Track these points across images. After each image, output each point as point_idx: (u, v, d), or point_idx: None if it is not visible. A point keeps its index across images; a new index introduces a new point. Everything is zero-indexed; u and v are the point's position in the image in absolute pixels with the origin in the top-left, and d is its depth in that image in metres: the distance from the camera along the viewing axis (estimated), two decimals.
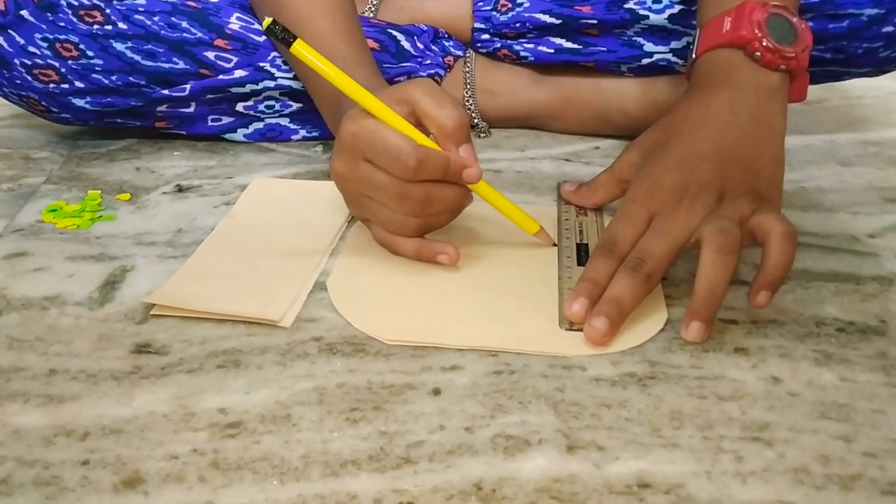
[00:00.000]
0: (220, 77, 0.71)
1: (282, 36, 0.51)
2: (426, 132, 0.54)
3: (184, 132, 0.76)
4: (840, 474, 0.41)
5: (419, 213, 0.54)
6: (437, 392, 0.46)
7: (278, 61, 0.72)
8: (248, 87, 0.72)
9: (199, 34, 0.71)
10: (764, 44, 0.55)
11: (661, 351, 0.49)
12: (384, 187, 0.53)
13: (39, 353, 0.49)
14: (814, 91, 0.88)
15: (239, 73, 0.71)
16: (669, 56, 0.74)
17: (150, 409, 0.45)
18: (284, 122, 0.76)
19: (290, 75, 0.72)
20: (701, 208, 0.52)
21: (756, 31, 0.56)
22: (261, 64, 0.72)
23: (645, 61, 0.74)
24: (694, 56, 0.60)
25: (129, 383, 0.47)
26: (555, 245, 0.59)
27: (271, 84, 0.72)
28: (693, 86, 0.59)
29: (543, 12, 0.74)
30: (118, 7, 0.69)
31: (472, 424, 0.44)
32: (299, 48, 0.51)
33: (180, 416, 0.44)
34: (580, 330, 0.50)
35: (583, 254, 0.57)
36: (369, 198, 0.54)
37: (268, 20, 0.50)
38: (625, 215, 0.54)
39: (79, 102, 0.71)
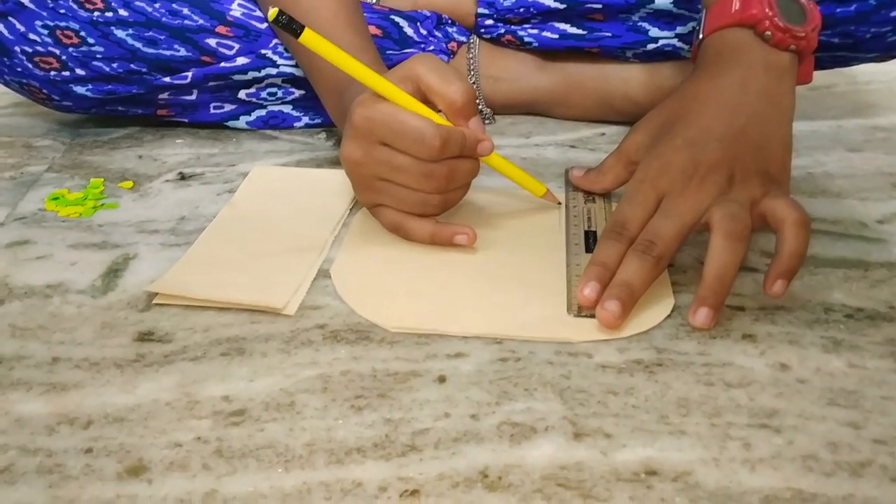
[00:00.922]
0: (222, 64, 0.71)
1: (288, 25, 0.50)
2: (434, 108, 0.54)
3: (186, 120, 0.75)
4: (849, 461, 0.41)
5: (443, 189, 0.54)
6: (442, 379, 0.46)
7: (280, 48, 0.71)
8: (250, 75, 0.72)
9: (201, 21, 0.70)
10: (775, 22, 0.55)
11: (667, 338, 0.49)
12: (406, 168, 0.53)
13: (42, 342, 0.49)
14: (821, 76, 0.88)
15: (241, 61, 0.71)
16: (675, 41, 0.73)
17: (153, 397, 0.45)
18: (287, 109, 0.76)
19: (291, 62, 0.72)
20: (711, 188, 0.52)
21: (766, 10, 0.55)
22: (262, 51, 0.71)
23: (650, 46, 0.74)
24: (701, 36, 0.59)
25: (133, 371, 0.46)
26: (559, 204, 0.61)
27: (273, 71, 0.72)
28: (701, 65, 0.58)
29: None
30: None
31: (478, 412, 0.44)
32: (308, 37, 0.51)
33: (184, 403, 0.44)
34: (589, 316, 0.50)
35: (591, 241, 0.57)
36: (387, 181, 0.54)
37: (273, 10, 0.49)
38: (633, 196, 0.53)
39: (80, 90, 0.71)
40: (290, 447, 0.41)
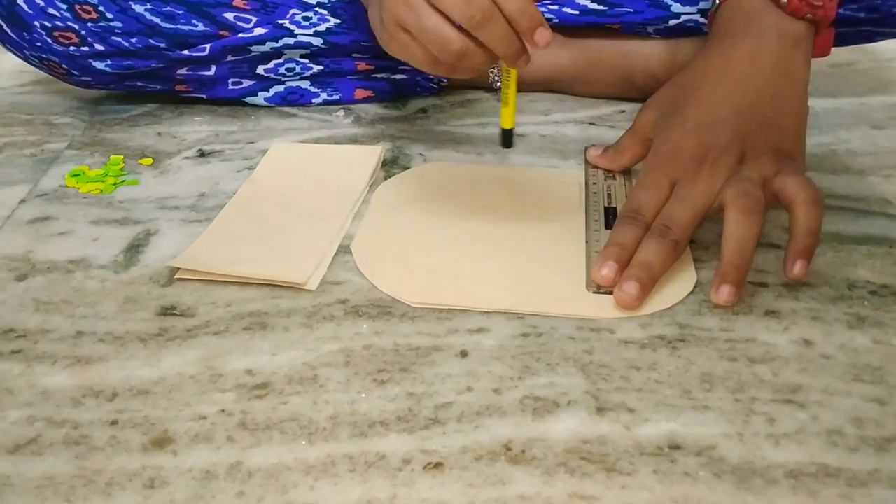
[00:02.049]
0: (240, 35, 0.70)
1: None
2: None
3: (204, 96, 0.75)
4: (874, 436, 0.40)
5: (477, 24, 0.49)
6: (464, 354, 0.46)
7: (297, 18, 0.71)
8: (269, 46, 0.71)
9: None
10: None
11: (690, 314, 0.49)
12: None
13: (66, 316, 0.49)
14: (844, 53, 0.87)
15: (259, 31, 0.71)
16: (697, 17, 0.72)
17: (177, 371, 0.45)
18: (305, 85, 0.76)
19: (309, 32, 0.71)
20: (722, 172, 0.52)
21: None
22: (280, 21, 0.71)
23: (672, 22, 0.73)
24: (717, 1, 0.58)
25: (156, 345, 0.47)
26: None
27: (291, 41, 0.71)
28: (713, 36, 0.57)
29: None
30: None
31: (500, 386, 0.44)
32: None
33: (207, 377, 0.44)
34: (608, 293, 0.50)
35: (611, 217, 0.57)
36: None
37: None
38: (646, 182, 0.54)
39: (99, 65, 0.71)
40: (314, 420, 0.41)
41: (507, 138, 0.68)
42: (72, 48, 0.70)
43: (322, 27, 0.73)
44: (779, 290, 0.51)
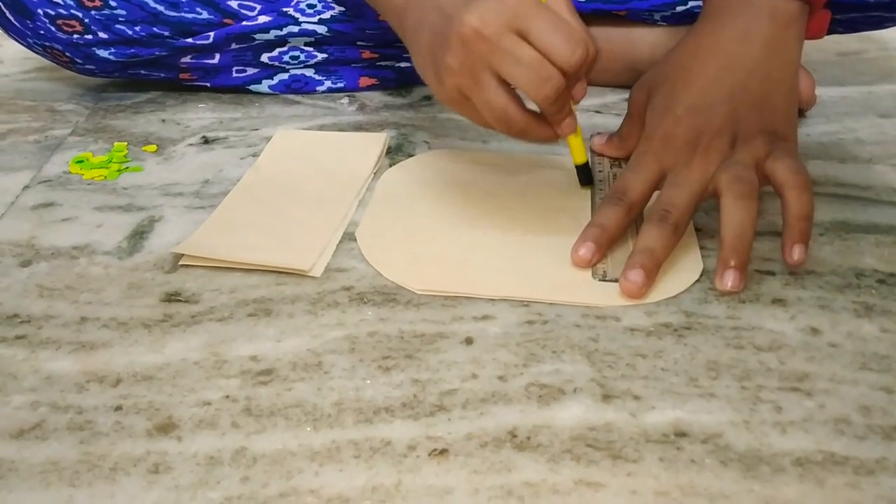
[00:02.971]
0: (244, 23, 0.70)
1: None
2: None
3: (208, 84, 0.75)
4: (882, 425, 0.40)
5: (551, 101, 0.49)
6: (469, 341, 0.46)
7: (302, 5, 0.71)
8: (273, 34, 0.71)
9: None
10: None
11: (696, 302, 0.49)
12: (530, 62, 0.47)
13: (70, 302, 0.49)
14: (851, 42, 0.86)
15: (263, 19, 0.70)
16: None
17: (181, 357, 0.45)
18: (309, 73, 0.75)
19: (314, 20, 0.71)
20: (715, 156, 0.52)
21: None
22: (284, 9, 0.71)
23: (679, 9, 0.72)
24: None
25: (160, 331, 0.47)
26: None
27: (295, 29, 0.71)
28: (705, 12, 0.57)
29: None
30: None
31: (506, 373, 0.43)
32: None
33: (212, 363, 0.44)
34: (613, 281, 0.49)
35: None
36: (495, 72, 0.48)
37: None
38: (636, 166, 0.54)
39: (103, 53, 0.70)
40: (319, 406, 0.41)
41: (587, 174, 0.59)
42: (75, 36, 0.69)
43: (326, 15, 0.72)
44: (785, 279, 0.50)
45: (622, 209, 0.52)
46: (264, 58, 0.73)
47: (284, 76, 0.75)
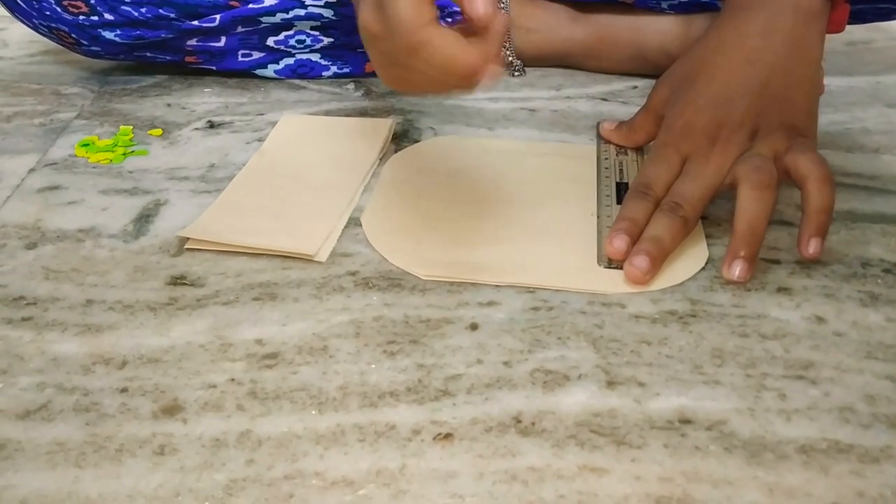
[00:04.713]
0: (251, 6, 0.70)
1: None
2: None
3: (214, 67, 0.74)
4: (887, 413, 0.40)
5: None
6: (474, 327, 0.46)
7: None
8: (279, 17, 0.71)
9: None
10: None
11: (702, 290, 0.48)
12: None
13: (76, 284, 0.49)
14: (859, 32, 0.86)
15: (269, 2, 0.70)
16: None
17: (187, 340, 0.45)
18: (315, 57, 0.75)
19: (320, 3, 0.71)
20: (734, 149, 0.52)
21: None
22: None
23: None
24: None
25: (166, 314, 0.47)
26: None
27: (301, 13, 0.71)
28: (727, 7, 0.56)
29: None
30: None
31: (511, 359, 0.43)
32: None
33: (217, 346, 0.44)
34: (618, 268, 0.49)
35: (622, 192, 0.56)
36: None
37: None
38: (657, 158, 0.53)
39: (108, 35, 0.70)
40: (324, 390, 0.41)
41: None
42: (81, 17, 0.69)
43: None
44: (791, 268, 0.50)
45: (650, 203, 0.51)
46: (270, 42, 0.73)
47: (290, 61, 0.75)
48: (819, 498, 0.36)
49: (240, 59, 0.74)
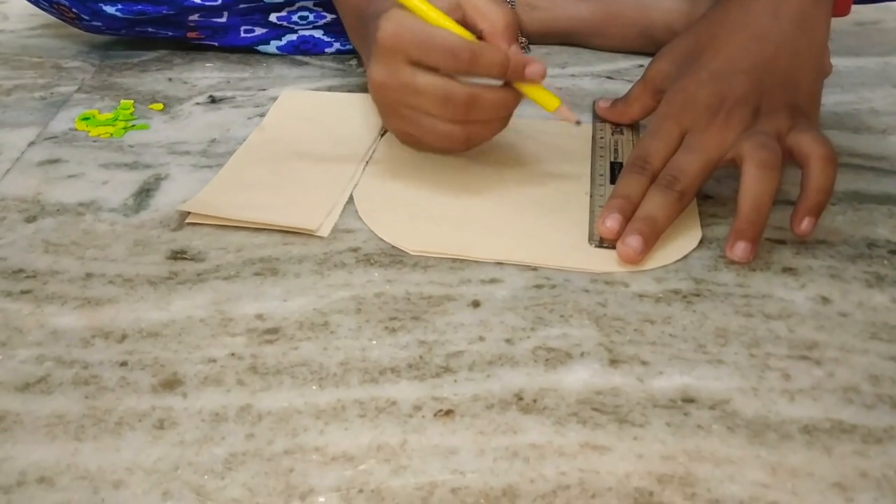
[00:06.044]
0: None
1: None
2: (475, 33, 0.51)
3: (216, 43, 0.74)
4: (891, 394, 0.40)
5: (463, 118, 0.50)
6: (476, 304, 0.45)
7: None
8: None
9: None
10: None
11: (706, 269, 0.48)
12: (427, 90, 0.49)
13: (76, 257, 0.49)
14: (868, 12, 0.85)
15: None
16: None
17: (187, 314, 0.44)
18: (318, 34, 0.74)
19: None
20: (736, 124, 0.51)
21: None
22: None
23: None
24: None
25: (166, 288, 0.46)
26: (578, 123, 0.53)
27: None
28: None
29: None
30: None
31: (513, 336, 0.43)
32: None
33: (217, 321, 0.44)
34: (610, 247, 0.49)
35: (616, 172, 0.56)
36: (411, 108, 0.51)
37: None
38: (656, 131, 0.52)
39: (110, 10, 0.69)
40: (325, 365, 0.41)
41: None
42: None
43: None
44: (797, 248, 0.50)
45: (646, 178, 0.50)
46: (273, 17, 0.73)
47: (293, 37, 0.74)
48: (822, 478, 0.36)
49: (242, 35, 0.73)
